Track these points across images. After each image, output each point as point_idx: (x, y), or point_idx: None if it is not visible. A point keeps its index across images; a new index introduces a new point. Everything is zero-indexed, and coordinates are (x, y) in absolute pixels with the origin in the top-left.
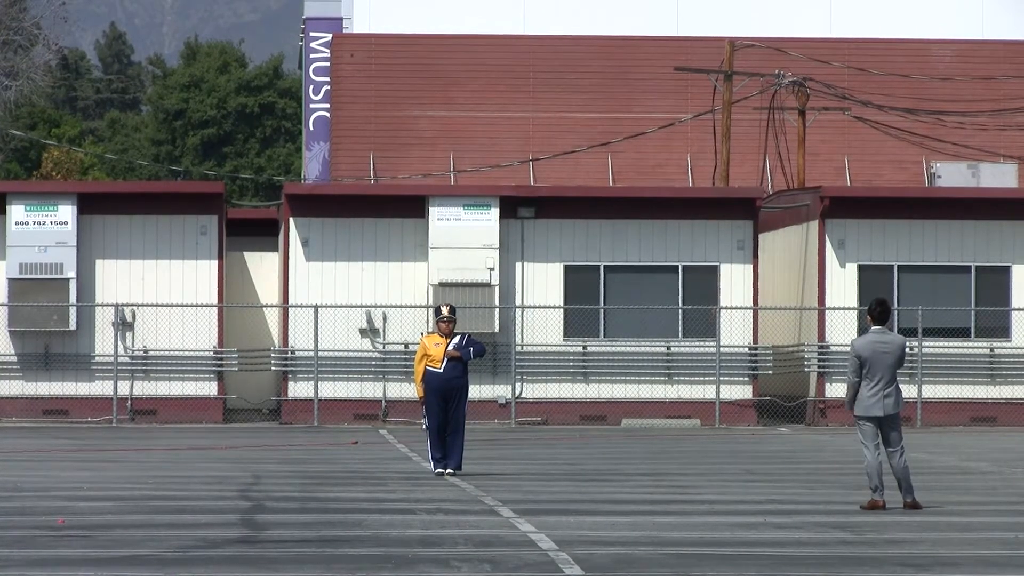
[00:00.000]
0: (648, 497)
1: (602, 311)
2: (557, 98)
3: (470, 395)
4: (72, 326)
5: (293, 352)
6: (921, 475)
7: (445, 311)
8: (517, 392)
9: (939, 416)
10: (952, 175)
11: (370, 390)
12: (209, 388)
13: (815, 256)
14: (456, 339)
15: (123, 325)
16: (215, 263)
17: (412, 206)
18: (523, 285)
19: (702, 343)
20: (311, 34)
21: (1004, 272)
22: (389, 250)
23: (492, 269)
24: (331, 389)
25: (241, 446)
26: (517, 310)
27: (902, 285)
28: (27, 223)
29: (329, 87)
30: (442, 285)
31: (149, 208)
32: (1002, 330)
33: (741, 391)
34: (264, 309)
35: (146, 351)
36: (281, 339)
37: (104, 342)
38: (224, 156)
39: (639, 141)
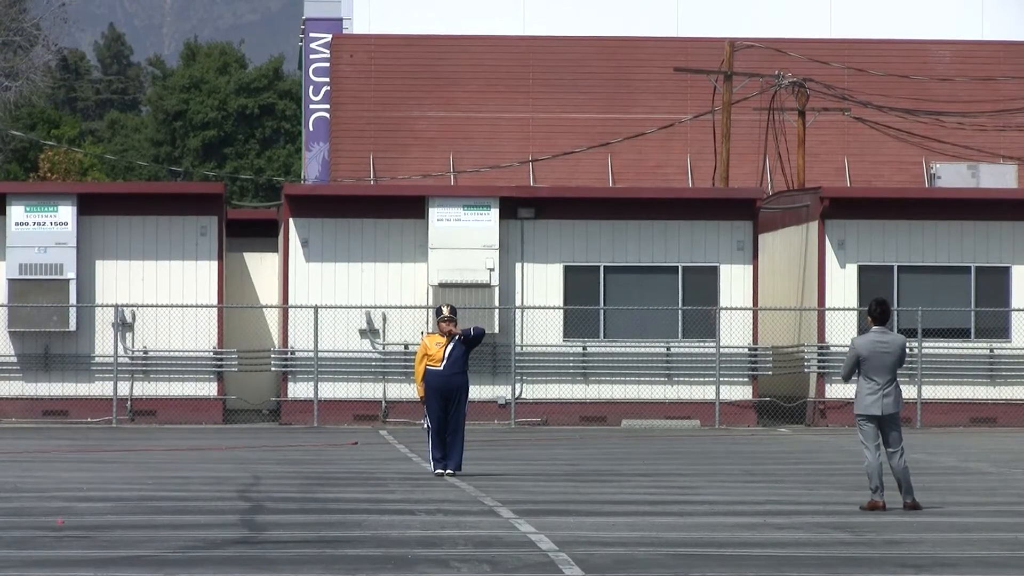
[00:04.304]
0: (648, 498)
1: (602, 312)
2: (557, 98)
3: (470, 396)
4: (72, 327)
5: (293, 353)
6: (921, 476)
7: (446, 311)
8: (517, 393)
9: (939, 417)
10: (952, 176)
11: (370, 391)
12: (209, 389)
13: (815, 257)
14: (456, 339)
15: (123, 326)
16: (215, 264)
17: (412, 207)
18: (523, 286)
19: (702, 344)
20: (311, 35)
21: (1004, 273)
22: (389, 251)
23: (492, 270)
24: (331, 390)
25: (241, 447)
26: (517, 311)
27: (902, 286)
28: (27, 224)
29: (329, 88)
30: (442, 286)
31: (149, 209)
32: (1002, 331)
33: (741, 392)
34: (264, 310)
35: (146, 352)
36: (281, 340)
37: (104, 343)
38: (224, 157)
39: (639, 142)
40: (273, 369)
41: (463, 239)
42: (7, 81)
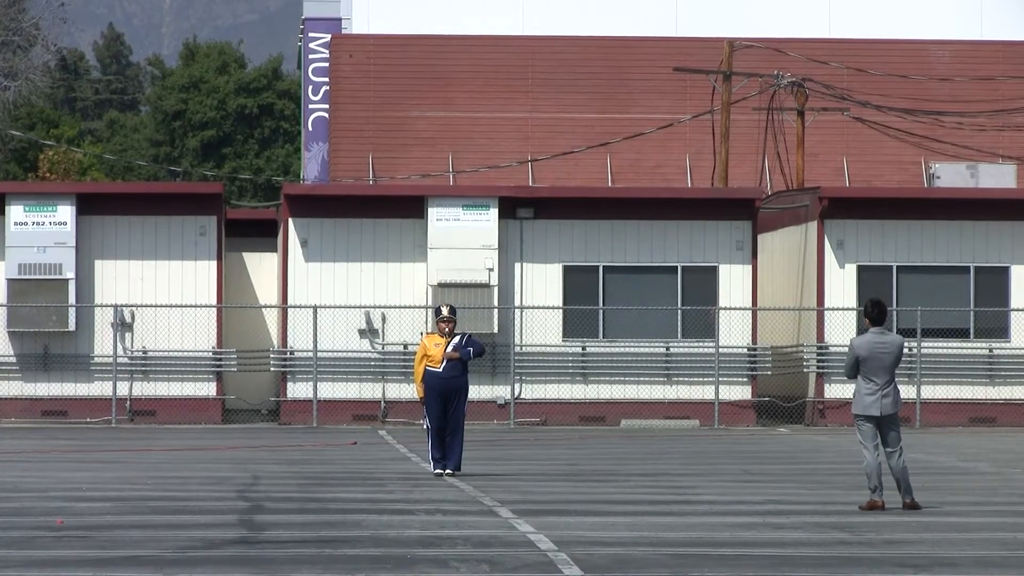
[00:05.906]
0: (647, 497)
1: (601, 312)
2: (556, 98)
3: (470, 395)
4: (71, 327)
5: (292, 353)
6: (920, 475)
7: (445, 311)
8: (516, 393)
9: (938, 417)
10: (951, 176)
11: (369, 391)
12: (208, 389)
13: (814, 256)
14: (456, 339)
15: (122, 326)
16: (214, 264)
17: (411, 206)
18: (522, 286)
19: (701, 344)
20: (310, 35)
21: (1003, 273)
22: (388, 251)
23: (491, 270)
24: (330, 390)
25: (240, 447)
26: (516, 311)
27: (901, 286)
28: (26, 224)
29: (328, 87)
30: (441, 286)
31: (148, 209)
32: (1001, 331)
33: (740, 392)
34: (263, 310)
35: (145, 352)
36: (280, 340)
37: (103, 343)
38: (223, 157)
39: (638, 141)
40: (272, 369)
41: (462, 239)
42: (6, 81)
